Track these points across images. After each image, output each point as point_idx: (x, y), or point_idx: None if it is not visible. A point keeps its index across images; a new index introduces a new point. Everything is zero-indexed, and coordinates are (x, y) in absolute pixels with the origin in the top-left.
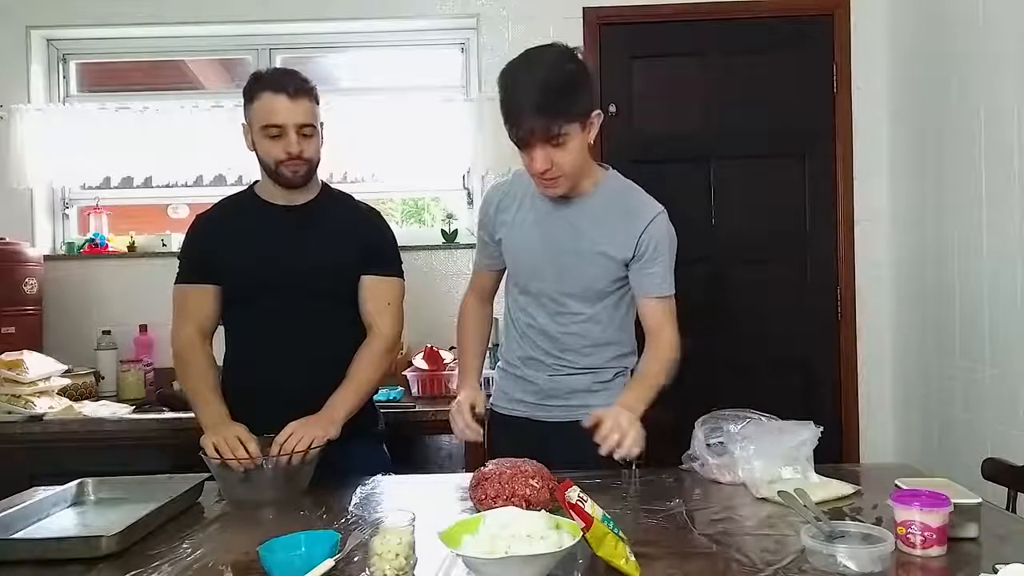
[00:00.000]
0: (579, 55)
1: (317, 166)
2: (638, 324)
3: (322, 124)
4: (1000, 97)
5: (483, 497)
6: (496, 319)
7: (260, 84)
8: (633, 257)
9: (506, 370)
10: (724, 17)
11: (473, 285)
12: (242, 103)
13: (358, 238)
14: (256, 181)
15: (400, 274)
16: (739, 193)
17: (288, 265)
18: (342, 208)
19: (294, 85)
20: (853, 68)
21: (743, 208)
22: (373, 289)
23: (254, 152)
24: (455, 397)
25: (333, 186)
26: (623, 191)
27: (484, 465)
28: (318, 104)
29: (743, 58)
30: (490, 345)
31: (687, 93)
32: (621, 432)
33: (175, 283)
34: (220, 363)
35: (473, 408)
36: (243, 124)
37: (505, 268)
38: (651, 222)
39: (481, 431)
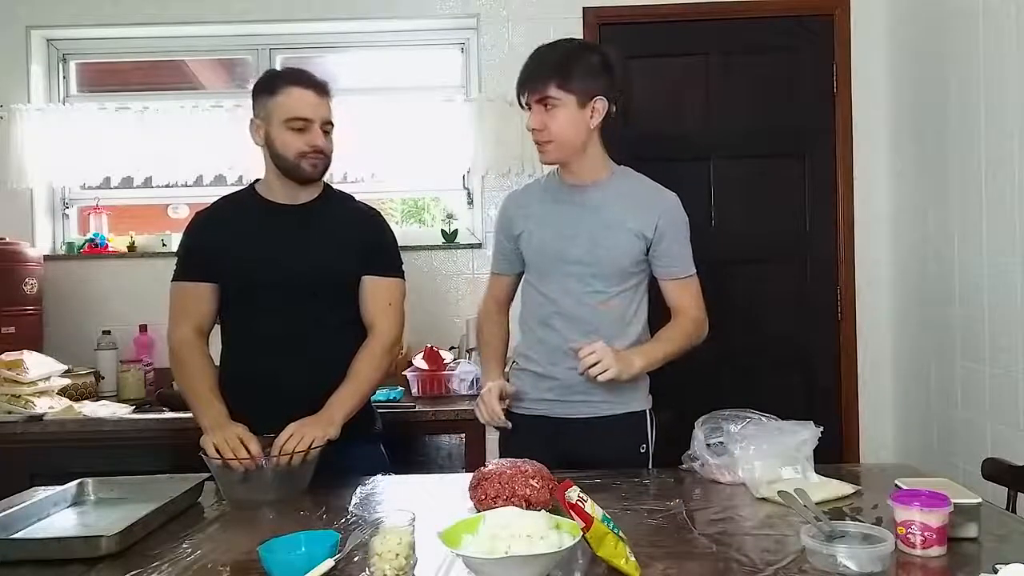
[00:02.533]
0: (597, 45)
1: (330, 163)
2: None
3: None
4: (1000, 96)
5: (483, 497)
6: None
7: (284, 79)
8: (653, 238)
9: (525, 368)
10: (724, 17)
11: (491, 290)
12: (243, 103)
13: (359, 238)
14: (256, 180)
15: (401, 275)
16: (739, 193)
17: (289, 264)
18: (343, 208)
19: (319, 83)
20: (853, 68)
21: (743, 208)
22: (374, 289)
23: (264, 147)
24: (454, 396)
25: (334, 187)
26: (638, 179)
27: (484, 465)
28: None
29: (743, 58)
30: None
31: (687, 93)
32: (598, 358)
33: (172, 280)
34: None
35: (502, 395)
36: (253, 120)
37: (521, 273)
38: (667, 204)
39: (503, 417)
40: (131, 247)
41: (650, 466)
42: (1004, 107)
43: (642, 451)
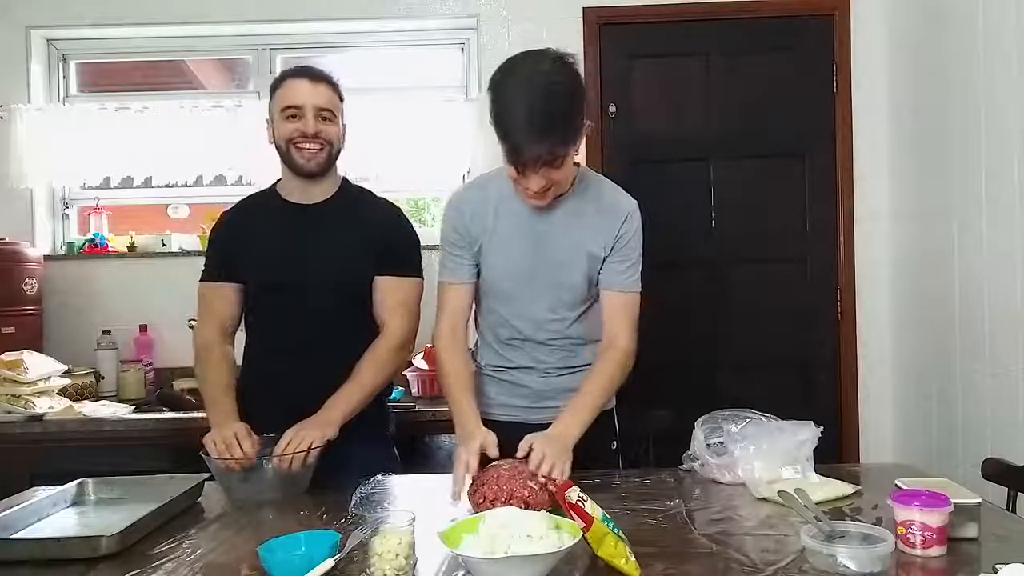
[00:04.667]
0: (571, 61)
1: (336, 156)
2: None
3: (345, 126)
4: (1000, 97)
5: (481, 500)
6: None
7: (285, 74)
8: (608, 255)
9: (492, 376)
10: (724, 17)
11: (446, 309)
12: (243, 103)
13: (376, 237)
14: (279, 179)
15: (418, 273)
16: (739, 193)
17: (304, 264)
18: (361, 206)
19: (315, 72)
20: (853, 68)
21: (743, 208)
22: (387, 289)
23: (275, 146)
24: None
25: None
26: (597, 186)
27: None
28: (342, 100)
29: (743, 58)
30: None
31: (687, 93)
32: (550, 463)
33: (200, 280)
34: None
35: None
36: (266, 119)
37: (477, 280)
38: (627, 216)
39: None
40: (131, 247)
41: (620, 461)
42: (1004, 107)
43: (613, 447)
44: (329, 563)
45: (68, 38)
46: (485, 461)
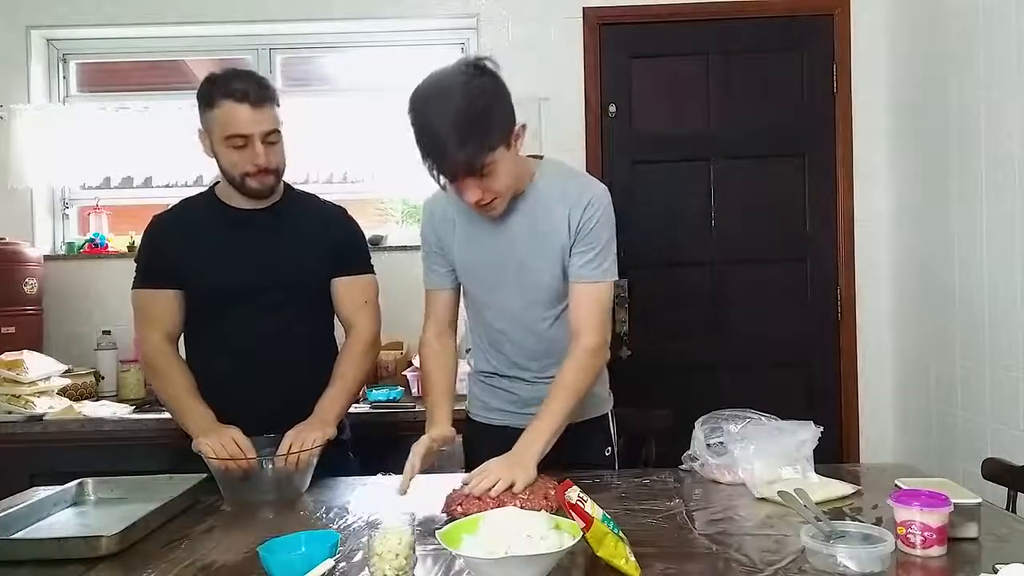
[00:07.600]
0: (485, 65)
1: (284, 172)
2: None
3: (282, 124)
4: (1000, 96)
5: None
6: None
7: (219, 91)
8: (573, 242)
9: (482, 381)
10: (724, 17)
11: (430, 313)
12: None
13: (327, 240)
14: (216, 182)
15: (372, 269)
16: (739, 193)
17: (255, 272)
18: (308, 209)
19: (256, 93)
20: (853, 68)
21: (743, 208)
22: (348, 290)
23: (213, 158)
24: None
25: (301, 187)
26: (558, 178)
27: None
28: (279, 106)
29: (743, 58)
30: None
31: (687, 93)
32: (492, 480)
33: (133, 288)
34: None
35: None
36: (199, 130)
37: (459, 285)
38: (588, 204)
39: (407, 484)
40: (131, 247)
41: (616, 467)
42: (1004, 107)
43: (607, 454)
44: (329, 563)
45: (68, 38)
46: (474, 459)
